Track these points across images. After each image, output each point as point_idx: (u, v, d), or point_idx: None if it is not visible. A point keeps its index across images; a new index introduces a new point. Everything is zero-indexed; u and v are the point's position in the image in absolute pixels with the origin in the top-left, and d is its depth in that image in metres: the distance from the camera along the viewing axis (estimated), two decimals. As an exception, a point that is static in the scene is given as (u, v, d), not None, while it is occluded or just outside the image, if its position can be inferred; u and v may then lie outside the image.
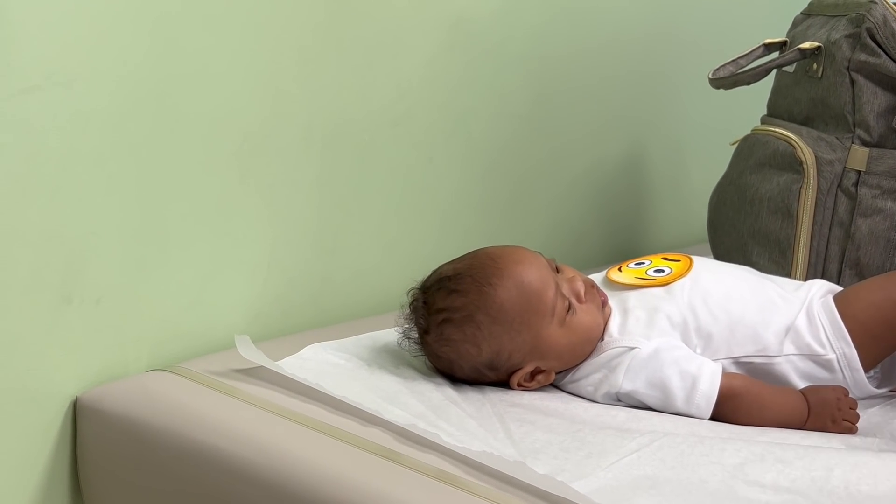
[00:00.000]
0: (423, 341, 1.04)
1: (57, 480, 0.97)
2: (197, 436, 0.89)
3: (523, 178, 1.47)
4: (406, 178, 1.28)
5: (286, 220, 1.15)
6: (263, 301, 1.14)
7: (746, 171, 1.34)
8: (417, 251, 1.29)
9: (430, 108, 1.29)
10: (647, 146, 1.71)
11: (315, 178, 1.17)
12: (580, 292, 1.04)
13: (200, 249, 1.06)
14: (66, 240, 0.94)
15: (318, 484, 0.82)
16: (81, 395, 0.97)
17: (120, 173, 0.97)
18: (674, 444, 0.89)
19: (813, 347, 1.04)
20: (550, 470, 0.83)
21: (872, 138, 1.26)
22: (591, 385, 1.03)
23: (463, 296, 1.01)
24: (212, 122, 1.04)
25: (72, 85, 0.92)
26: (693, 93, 1.68)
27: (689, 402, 0.99)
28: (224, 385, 0.96)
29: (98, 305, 0.97)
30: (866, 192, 1.25)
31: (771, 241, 1.29)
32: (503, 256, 1.03)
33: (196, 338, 1.07)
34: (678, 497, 0.80)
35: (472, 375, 1.03)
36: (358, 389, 0.95)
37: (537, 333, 1.01)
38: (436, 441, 0.85)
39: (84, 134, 0.94)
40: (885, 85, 1.25)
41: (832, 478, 0.84)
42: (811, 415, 0.99)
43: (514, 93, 1.41)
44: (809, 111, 1.32)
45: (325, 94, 1.16)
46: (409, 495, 0.79)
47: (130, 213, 0.99)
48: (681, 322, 1.04)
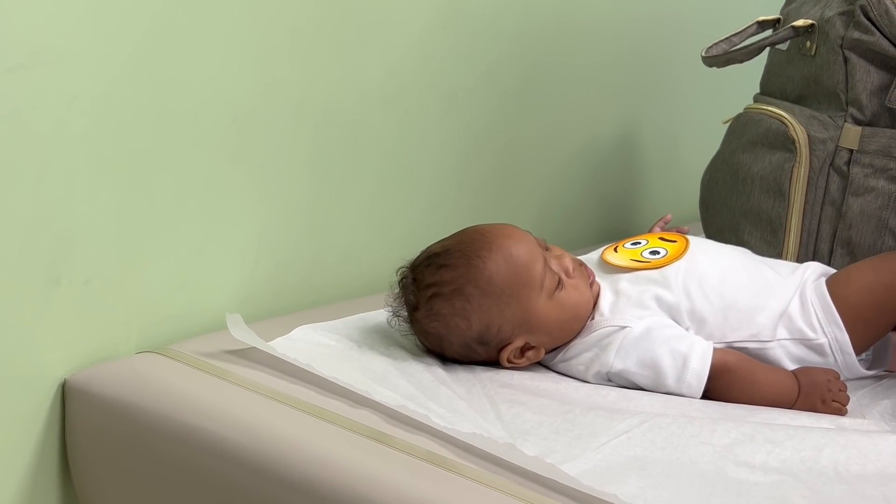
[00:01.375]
0: (413, 318, 1.04)
1: (45, 463, 0.97)
2: (186, 418, 0.89)
3: (515, 157, 1.46)
4: (397, 158, 1.28)
5: (277, 201, 1.14)
6: (254, 282, 1.13)
7: (739, 149, 1.34)
8: (409, 231, 1.29)
9: (421, 87, 1.29)
10: (639, 124, 1.70)
11: (306, 158, 1.16)
12: (569, 268, 1.04)
13: (190, 230, 1.06)
14: (54, 221, 0.93)
15: (307, 465, 0.82)
16: (70, 377, 0.96)
17: (108, 154, 0.96)
18: (664, 425, 0.89)
19: (805, 332, 1.04)
20: (540, 451, 0.83)
21: (865, 117, 1.25)
22: (582, 364, 1.03)
23: (452, 270, 1.01)
24: (201, 101, 1.03)
25: (58, 63, 0.91)
26: (686, 70, 1.67)
27: (680, 382, 0.99)
28: (214, 367, 0.95)
29: (86, 287, 0.97)
30: (858, 170, 1.25)
31: (762, 221, 1.29)
32: (492, 232, 1.04)
33: (186, 319, 1.06)
34: (668, 478, 0.80)
35: (462, 352, 1.03)
36: (348, 370, 0.95)
37: (526, 306, 1.01)
38: (426, 422, 0.85)
39: (71, 114, 0.93)
40: (879, 63, 1.24)
41: (821, 458, 0.85)
42: (801, 395, 0.99)
43: (505, 71, 1.40)
44: (802, 89, 1.32)
45: (316, 74, 1.15)
46: (399, 477, 0.79)
47: (119, 193, 0.98)
48: (674, 304, 1.04)
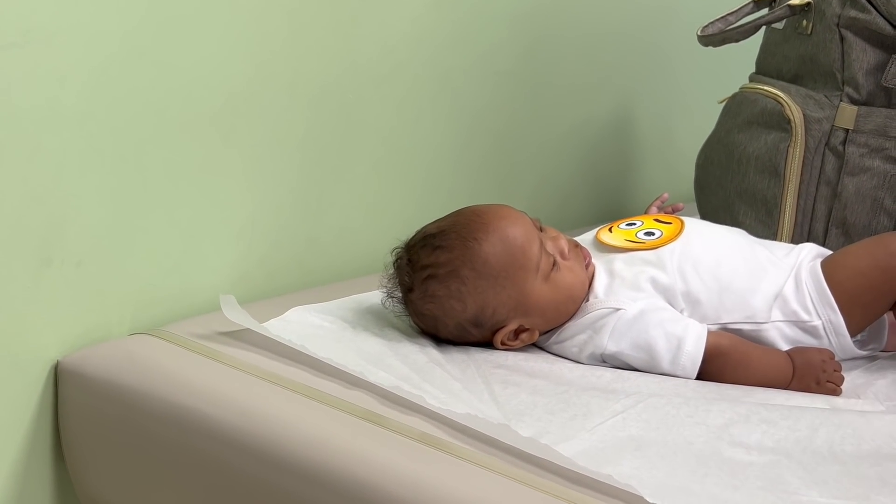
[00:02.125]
0: (408, 300, 1.03)
1: (38, 445, 0.97)
2: (180, 399, 0.89)
3: (510, 137, 1.46)
4: (391, 138, 1.27)
5: (270, 181, 1.13)
6: (247, 263, 1.13)
7: (734, 129, 1.34)
8: (403, 211, 1.28)
9: (415, 67, 1.28)
10: (634, 105, 1.69)
11: (300, 138, 1.16)
12: (564, 250, 1.04)
13: (183, 210, 1.05)
14: (46, 201, 0.93)
15: (301, 447, 0.82)
16: (62, 358, 0.96)
17: (100, 133, 0.96)
18: (659, 406, 0.89)
19: (799, 314, 1.04)
20: (534, 432, 0.82)
21: (861, 96, 1.25)
22: (576, 346, 1.03)
23: (448, 251, 1.01)
24: (194, 80, 1.03)
25: (50, 42, 0.90)
26: (681, 50, 1.66)
27: (675, 364, 0.99)
28: (207, 348, 0.95)
29: (79, 268, 0.96)
30: (854, 150, 1.24)
31: (758, 201, 1.29)
32: (488, 213, 1.03)
33: (179, 300, 1.06)
34: (662, 459, 0.80)
35: (457, 334, 1.03)
36: (342, 352, 0.95)
37: (521, 289, 1.01)
38: (420, 403, 0.85)
39: (63, 92, 0.92)
40: (875, 42, 1.24)
41: (816, 438, 0.85)
42: (796, 376, 0.99)
43: (500, 51, 1.40)
44: (798, 69, 1.31)
45: (310, 53, 1.14)
46: (393, 458, 0.79)
47: (111, 173, 0.97)
48: (667, 286, 1.04)
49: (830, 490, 0.76)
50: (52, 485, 0.99)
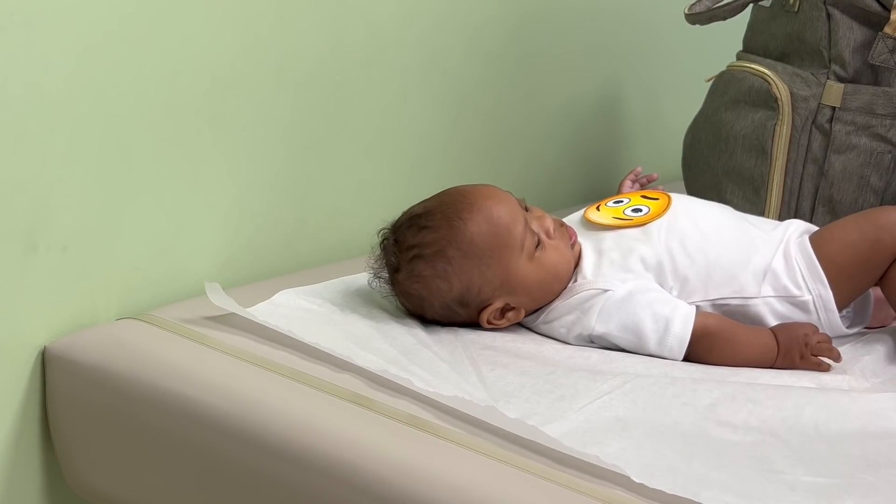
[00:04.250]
0: (394, 280, 1.04)
1: (26, 431, 0.97)
2: (167, 384, 0.89)
3: (498, 117, 1.45)
4: (379, 119, 1.27)
5: (257, 164, 1.13)
6: (235, 246, 1.13)
7: (721, 107, 1.33)
8: (391, 193, 1.28)
9: (403, 47, 1.27)
10: (621, 84, 1.69)
11: (286, 120, 1.15)
12: (549, 229, 1.04)
13: (169, 194, 1.05)
14: (30, 186, 0.92)
15: (289, 431, 0.82)
16: (50, 344, 0.96)
17: (85, 117, 0.95)
18: (646, 386, 0.89)
19: (790, 289, 1.04)
20: (522, 413, 0.83)
21: (848, 74, 1.25)
22: (564, 327, 1.03)
23: (433, 231, 1.01)
24: (179, 63, 1.02)
25: (33, 25, 0.89)
26: (669, 28, 1.66)
27: (662, 345, 0.99)
28: (195, 333, 0.95)
29: (65, 253, 0.96)
30: (840, 128, 1.24)
31: (745, 179, 1.29)
32: (473, 192, 1.03)
33: (166, 285, 1.05)
34: (649, 439, 0.80)
35: (443, 313, 1.03)
36: (330, 335, 0.95)
37: (507, 267, 1.01)
38: (408, 386, 0.85)
39: (47, 76, 0.91)
40: (862, 19, 1.24)
41: (802, 417, 0.85)
42: (780, 353, 0.99)
43: (488, 31, 1.39)
44: (785, 46, 1.31)
45: (296, 34, 1.13)
46: (381, 441, 0.79)
47: (97, 158, 0.97)
48: (656, 264, 1.04)
49: (816, 469, 0.77)
50: (40, 470, 0.99)
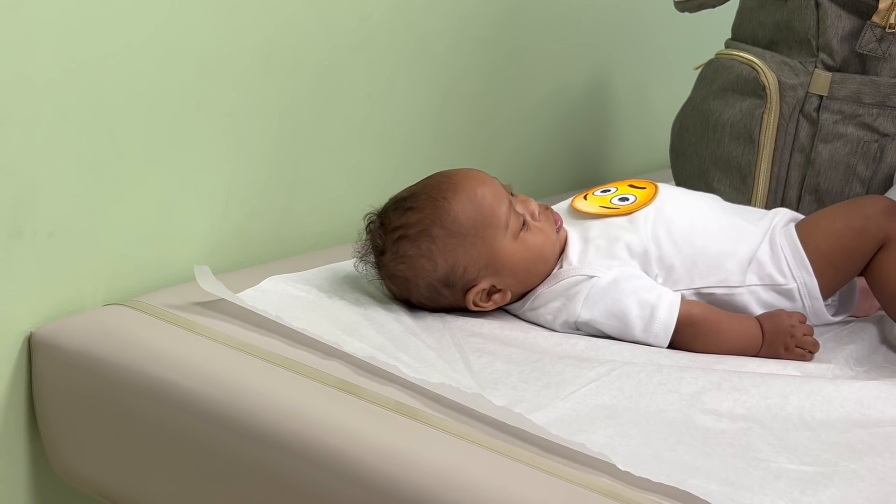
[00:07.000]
0: (380, 263, 1.04)
1: (13, 417, 0.96)
2: (154, 371, 0.88)
3: (486, 103, 1.45)
4: (368, 105, 1.27)
5: (245, 149, 1.13)
6: (222, 232, 1.12)
7: (710, 96, 1.34)
8: (379, 179, 1.28)
9: (392, 33, 1.27)
10: (610, 71, 1.69)
11: (274, 105, 1.15)
12: (535, 212, 1.05)
13: (157, 180, 1.04)
14: (16, 171, 0.92)
15: (276, 417, 0.82)
16: (36, 330, 0.95)
17: (71, 102, 0.94)
18: (632, 374, 0.90)
19: (775, 277, 1.05)
20: (509, 401, 0.83)
21: (836, 62, 1.25)
22: (550, 314, 1.03)
23: (418, 212, 1.01)
24: (167, 46, 1.01)
25: (18, 8, 0.89)
26: (657, 16, 1.66)
27: (647, 332, 0.99)
28: (182, 319, 0.95)
29: (51, 239, 0.95)
30: (828, 117, 1.25)
31: (732, 168, 1.29)
32: (457, 174, 1.04)
33: (153, 271, 1.05)
34: (635, 427, 0.81)
35: (429, 296, 1.03)
36: (318, 321, 0.95)
37: (491, 246, 1.01)
38: (395, 373, 0.85)
39: (32, 59, 0.90)
40: (850, 8, 1.24)
41: (787, 405, 0.86)
42: (765, 342, 1.00)
43: (477, 17, 1.39)
44: (774, 35, 1.31)
45: (284, 19, 1.13)
46: (368, 428, 0.79)
47: (83, 143, 0.96)
48: (642, 252, 1.04)
49: (800, 456, 0.77)
50: (26, 457, 0.99)
